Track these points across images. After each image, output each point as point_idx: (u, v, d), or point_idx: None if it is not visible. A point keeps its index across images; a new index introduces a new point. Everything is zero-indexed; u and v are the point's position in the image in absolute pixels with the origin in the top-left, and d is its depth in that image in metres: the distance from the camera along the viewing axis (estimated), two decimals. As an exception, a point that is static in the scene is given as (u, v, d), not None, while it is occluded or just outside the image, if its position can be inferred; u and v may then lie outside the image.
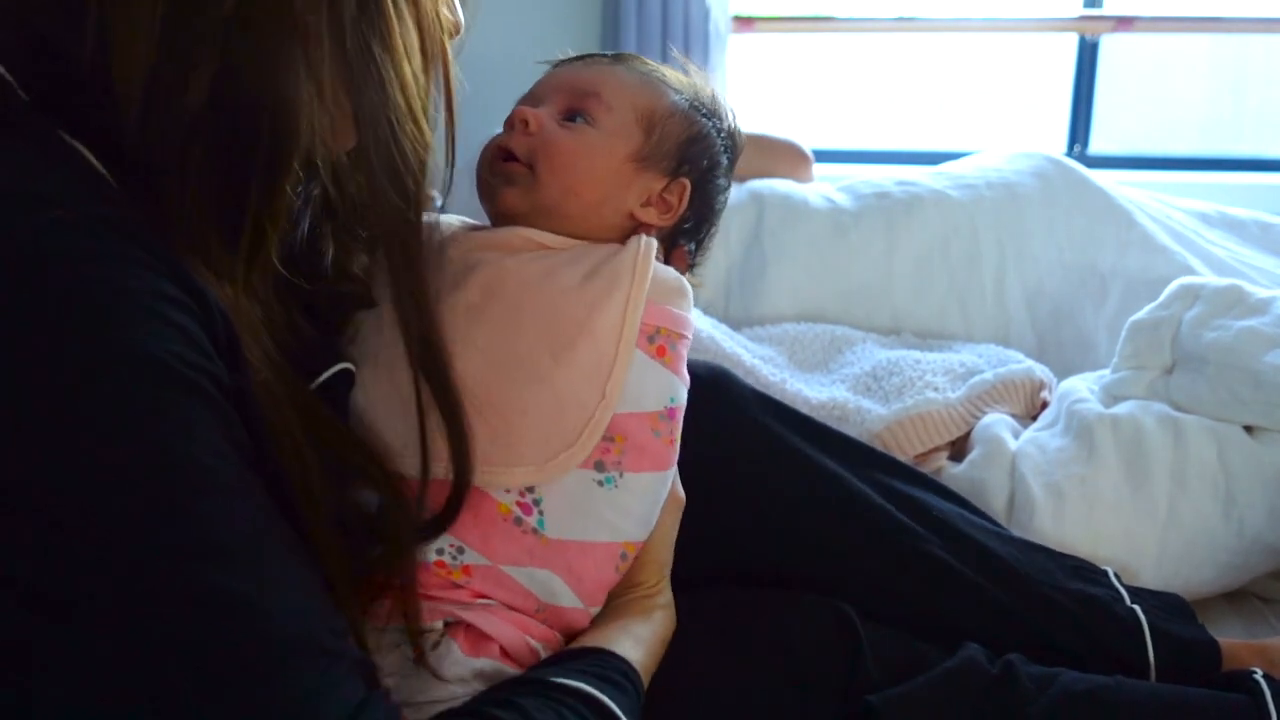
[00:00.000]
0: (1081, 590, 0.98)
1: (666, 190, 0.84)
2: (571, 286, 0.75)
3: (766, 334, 1.62)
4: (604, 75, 0.84)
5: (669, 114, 0.84)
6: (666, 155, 0.84)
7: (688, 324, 0.79)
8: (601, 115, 0.81)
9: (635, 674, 0.71)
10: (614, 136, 0.81)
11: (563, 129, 0.80)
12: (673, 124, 0.84)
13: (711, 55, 2.39)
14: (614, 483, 0.73)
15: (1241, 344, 1.23)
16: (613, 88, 0.83)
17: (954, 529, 0.99)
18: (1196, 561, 1.15)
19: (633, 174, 0.82)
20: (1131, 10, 2.48)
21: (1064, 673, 0.87)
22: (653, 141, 0.83)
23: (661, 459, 0.76)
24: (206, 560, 0.50)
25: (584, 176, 0.79)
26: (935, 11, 2.55)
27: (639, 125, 0.83)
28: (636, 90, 0.84)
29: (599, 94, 0.82)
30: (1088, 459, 1.19)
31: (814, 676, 0.83)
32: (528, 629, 0.73)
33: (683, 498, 0.82)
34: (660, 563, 0.80)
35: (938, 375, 1.44)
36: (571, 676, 0.66)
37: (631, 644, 0.74)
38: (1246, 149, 2.83)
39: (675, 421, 0.77)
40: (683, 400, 0.78)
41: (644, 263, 0.76)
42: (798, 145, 1.92)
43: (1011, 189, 1.76)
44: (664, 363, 0.76)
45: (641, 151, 0.82)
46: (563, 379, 0.72)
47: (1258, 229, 1.83)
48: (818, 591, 0.91)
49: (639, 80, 0.85)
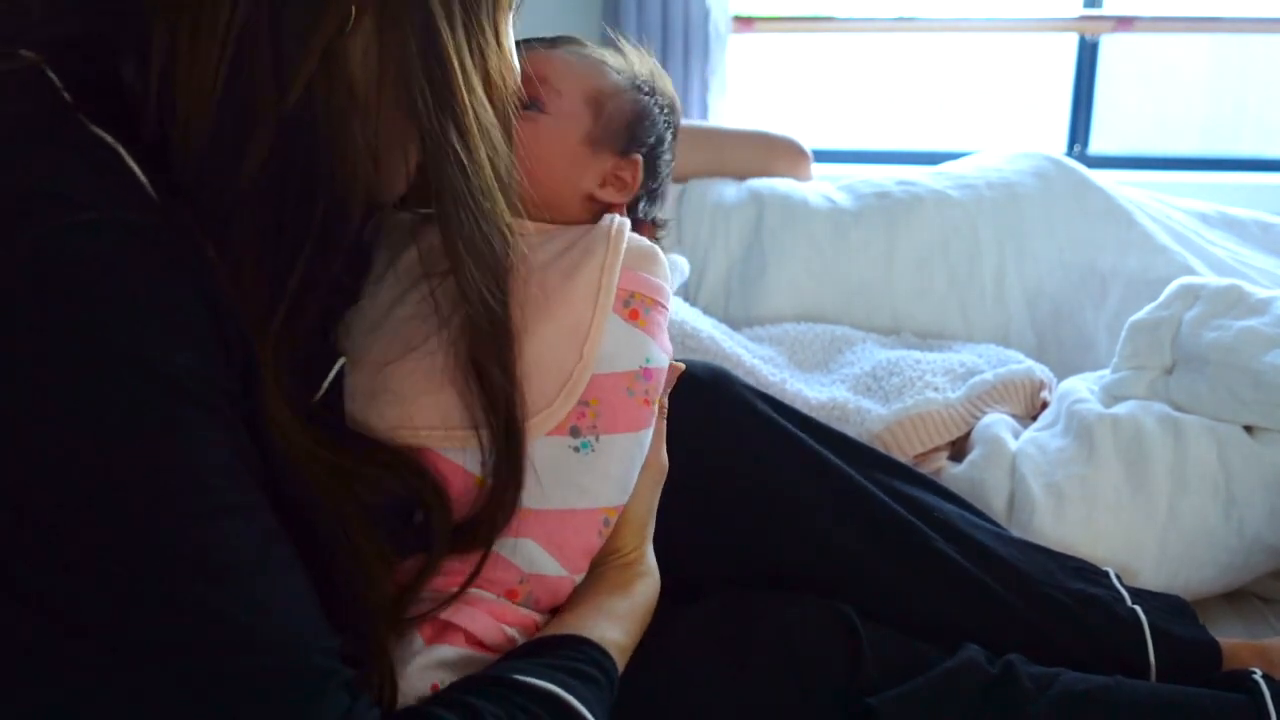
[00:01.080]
0: (1082, 590, 0.98)
1: (619, 168, 0.85)
2: (548, 260, 0.76)
3: (766, 334, 1.61)
4: (549, 60, 0.85)
5: (614, 94, 0.86)
6: (616, 135, 0.85)
7: (663, 291, 0.79)
8: (551, 100, 0.83)
9: (609, 660, 0.71)
10: (565, 120, 0.83)
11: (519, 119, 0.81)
12: (618, 103, 0.86)
13: (711, 55, 2.39)
14: (590, 447, 0.73)
15: (1241, 344, 1.23)
16: (559, 72, 0.84)
17: (955, 528, 0.99)
18: (1197, 561, 1.15)
19: (587, 156, 0.84)
20: (1131, 10, 2.48)
21: (1064, 673, 0.87)
22: (601, 123, 0.84)
23: (637, 419, 0.76)
24: (196, 577, 0.51)
25: (542, 163, 0.79)
26: (935, 11, 2.55)
27: (588, 108, 0.84)
28: (581, 73, 0.85)
29: (546, 79, 0.83)
30: (1088, 459, 1.19)
31: (814, 678, 0.83)
32: (504, 616, 0.72)
33: (664, 463, 0.82)
34: (639, 527, 0.80)
35: (938, 375, 1.44)
36: (536, 673, 0.66)
37: (608, 623, 0.74)
38: (1246, 149, 2.83)
39: (652, 382, 0.77)
40: (660, 364, 0.78)
41: (618, 233, 0.78)
42: (796, 143, 1.92)
43: (1011, 189, 1.75)
44: (638, 325, 0.76)
45: (592, 134, 0.84)
46: (540, 341, 0.72)
47: (1258, 229, 1.83)
48: (820, 588, 0.92)
49: (582, 63, 0.86)
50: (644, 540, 0.81)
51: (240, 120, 0.54)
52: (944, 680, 0.85)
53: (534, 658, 0.68)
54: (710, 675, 0.82)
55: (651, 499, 0.81)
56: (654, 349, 0.77)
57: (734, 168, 1.85)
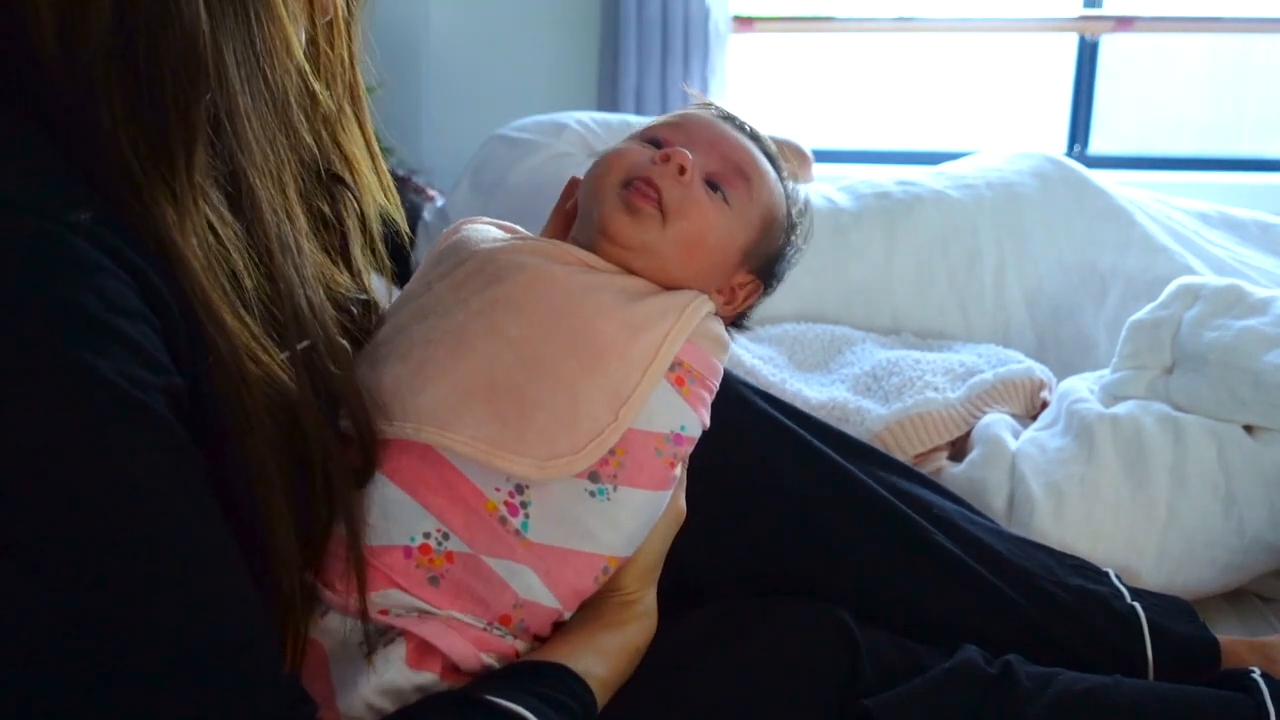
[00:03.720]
0: (1082, 586, 0.98)
1: (742, 285, 0.86)
2: (615, 306, 0.75)
3: (766, 334, 1.61)
4: (755, 160, 0.85)
5: (780, 223, 0.87)
6: (760, 258, 0.86)
7: (716, 372, 0.79)
8: (741, 201, 0.83)
9: (588, 694, 0.70)
10: (742, 226, 0.83)
11: (708, 196, 0.81)
12: (777, 232, 0.87)
13: (711, 55, 2.39)
14: (606, 495, 0.73)
15: (1241, 344, 1.23)
16: (760, 179, 0.85)
17: (954, 525, 0.99)
18: (1196, 561, 1.15)
19: (733, 265, 0.84)
20: (1131, 10, 2.49)
21: (1062, 672, 0.87)
22: (760, 243, 0.85)
23: (659, 479, 0.76)
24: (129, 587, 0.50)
25: (705, 251, 0.81)
26: (935, 11, 2.55)
27: (759, 225, 0.84)
28: (772, 191, 0.86)
29: (749, 180, 0.83)
30: (1088, 459, 1.19)
31: (812, 682, 0.83)
32: (486, 644, 0.71)
33: (682, 510, 0.82)
34: (645, 570, 0.79)
35: (938, 375, 1.44)
36: (507, 695, 0.65)
37: (595, 658, 0.73)
38: (1246, 149, 2.83)
39: (682, 448, 0.77)
40: (693, 434, 0.78)
41: (694, 310, 0.77)
42: (797, 145, 1.92)
43: (1011, 189, 1.75)
44: (681, 393, 0.76)
45: (750, 249, 0.84)
46: (584, 388, 0.72)
47: (1258, 229, 1.83)
48: (820, 584, 0.92)
49: (776, 185, 0.87)
50: (648, 583, 0.80)
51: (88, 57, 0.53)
52: (942, 680, 0.85)
53: (509, 680, 0.68)
54: (709, 679, 0.82)
55: (663, 544, 0.80)
56: (692, 418, 0.77)
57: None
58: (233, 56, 0.57)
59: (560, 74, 2.73)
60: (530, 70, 2.71)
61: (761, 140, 0.89)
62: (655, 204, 0.78)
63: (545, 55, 2.73)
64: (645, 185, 0.78)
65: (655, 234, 0.78)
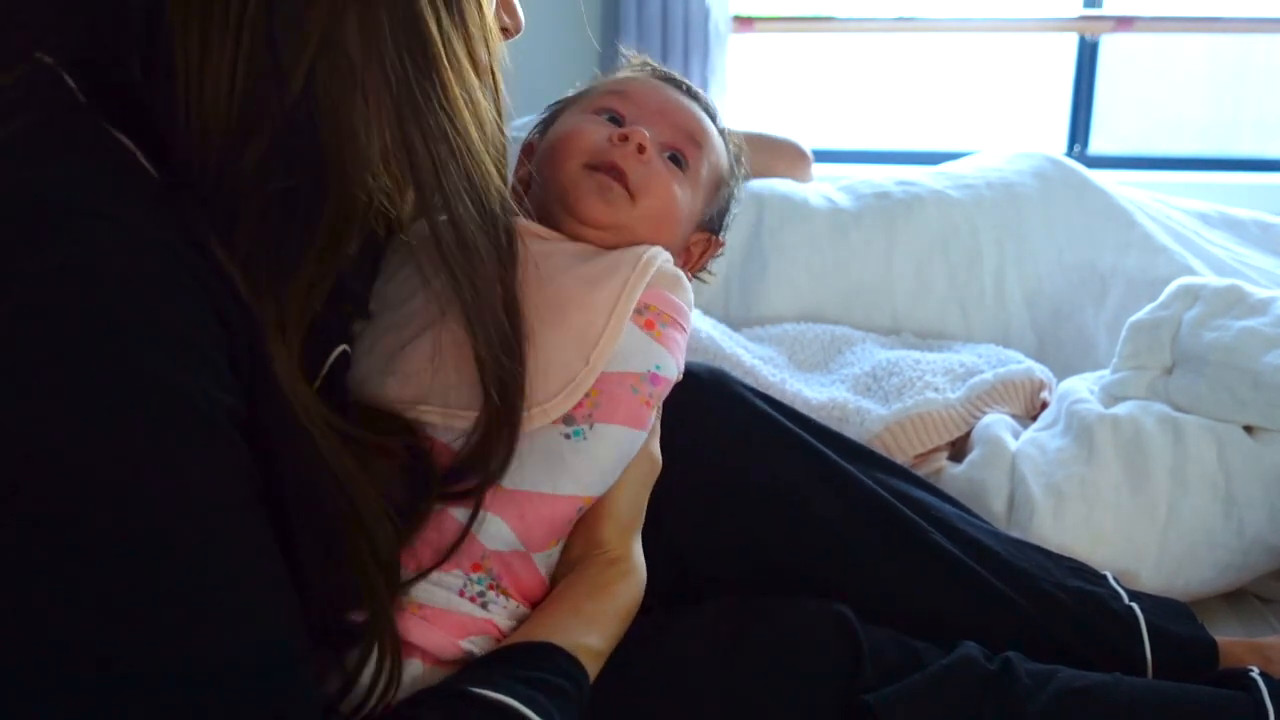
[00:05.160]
0: (1080, 587, 0.98)
1: (697, 242, 0.89)
2: (570, 266, 0.77)
3: (766, 334, 1.61)
4: (704, 126, 0.88)
5: (727, 179, 0.90)
6: (711, 216, 0.89)
7: (680, 310, 0.80)
8: (696, 167, 0.86)
9: (579, 669, 0.69)
10: (699, 191, 0.86)
11: (669, 171, 0.84)
12: (725, 190, 0.90)
13: (711, 55, 2.39)
14: (583, 434, 0.73)
15: (1241, 344, 1.23)
16: (711, 144, 0.88)
17: (953, 526, 0.99)
18: (1196, 562, 1.15)
19: (689, 227, 0.88)
20: (1131, 10, 2.49)
21: (1062, 670, 0.87)
22: (711, 203, 0.88)
23: (636, 417, 0.76)
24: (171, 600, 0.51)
25: (672, 223, 0.84)
26: (935, 11, 2.55)
27: (712, 186, 0.88)
28: (720, 152, 0.89)
29: (701, 147, 0.86)
30: (1088, 459, 1.19)
31: (813, 678, 0.83)
32: (464, 628, 0.70)
33: (657, 459, 0.81)
34: (625, 522, 0.78)
35: (937, 375, 1.44)
36: (494, 685, 0.64)
37: (583, 626, 0.72)
38: (1246, 149, 2.83)
39: (659, 388, 0.77)
40: (670, 375, 0.78)
41: (650, 259, 0.79)
42: (797, 144, 1.92)
43: (1011, 189, 1.75)
44: (652, 335, 0.77)
45: (705, 211, 0.88)
46: (550, 341, 0.72)
47: (1258, 229, 1.83)
48: (820, 583, 0.92)
49: (719, 142, 0.90)
50: (630, 536, 0.79)
51: (247, 112, 0.54)
52: (942, 676, 0.85)
53: (496, 668, 0.67)
54: (710, 676, 0.82)
55: (640, 494, 0.80)
56: (667, 359, 0.77)
57: (734, 168, 1.85)
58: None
59: (560, 74, 2.72)
60: (530, 70, 2.70)
61: (701, 98, 0.91)
62: (623, 185, 0.81)
63: (545, 55, 2.72)
64: (610, 169, 0.81)
65: (626, 214, 0.81)
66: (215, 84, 0.54)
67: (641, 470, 0.79)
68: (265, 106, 0.55)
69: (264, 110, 0.55)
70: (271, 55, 0.54)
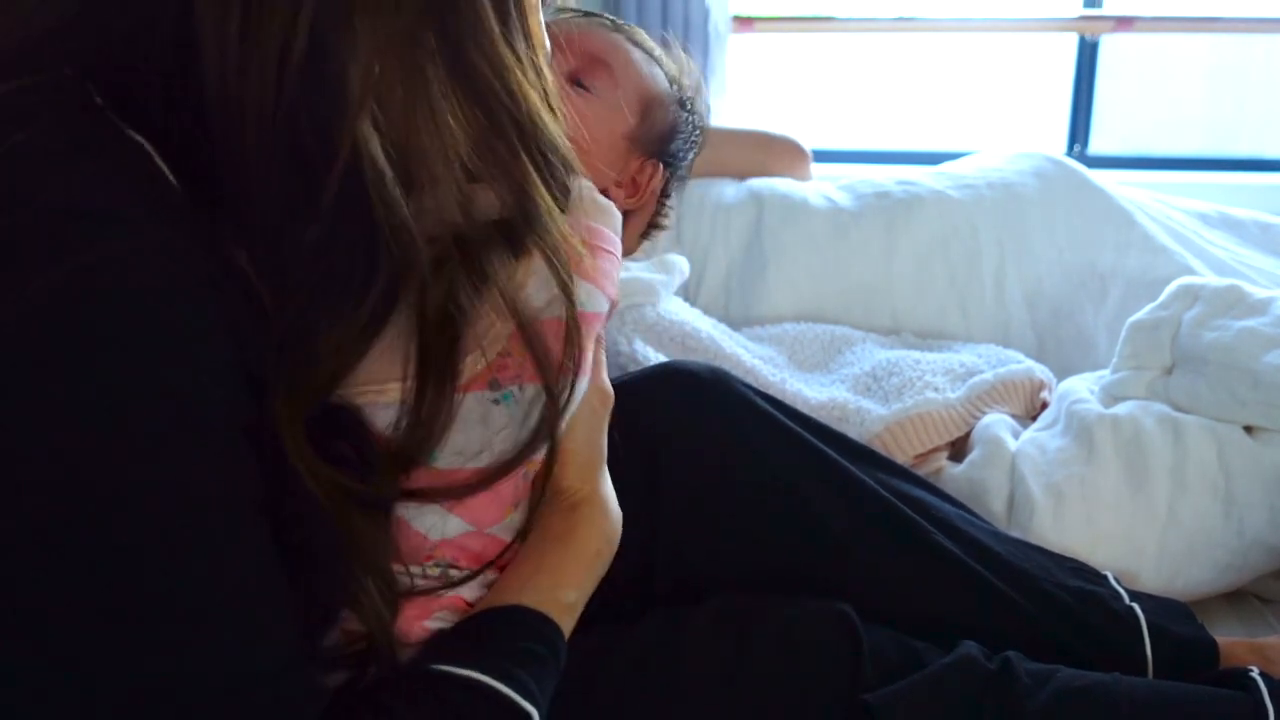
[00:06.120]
0: (1081, 587, 0.99)
1: (640, 171, 0.85)
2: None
3: (766, 334, 1.62)
4: (614, 47, 0.84)
5: (661, 101, 0.85)
6: (651, 141, 0.85)
7: (607, 237, 0.73)
8: (606, 88, 0.82)
9: (550, 626, 0.66)
10: (615, 111, 0.82)
11: (571, 91, 0.79)
12: (663, 113, 0.86)
13: (711, 55, 2.39)
14: (512, 398, 0.66)
15: (1241, 344, 1.23)
16: (621, 63, 0.83)
17: (953, 526, 0.99)
18: (1196, 562, 1.15)
19: (621, 152, 0.83)
20: (1131, 10, 2.48)
21: (1062, 669, 0.87)
22: (645, 126, 0.84)
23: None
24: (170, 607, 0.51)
25: (581, 144, 0.73)
26: (935, 11, 2.55)
27: (637, 106, 0.83)
28: (641, 72, 0.85)
29: (609, 66, 0.82)
30: (1087, 459, 1.20)
31: (814, 678, 0.83)
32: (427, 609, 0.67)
33: (608, 391, 0.75)
34: (584, 462, 0.72)
35: (937, 375, 1.44)
36: (461, 661, 0.61)
37: (550, 582, 0.68)
38: (1246, 149, 2.83)
39: (589, 327, 0.69)
40: (599, 309, 0.71)
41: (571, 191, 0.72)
42: (796, 142, 1.92)
43: (1011, 189, 1.75)
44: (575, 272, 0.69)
45: (634, 133, 0.84)
46: None
47: (1258, 229, 1.83)
48: (821, 582, 0.92)
49: (643, 62, 0.85)
50: (593, 476, 0.73)
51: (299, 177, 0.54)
52: (941, 676, 0.85)
53: (464, 641, 0.64)
54: (710, 675, 0.82)
55: (595, 431, 0.74)
56: (594, 294, 0.70)
57: (734, 168, 1.85)
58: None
59: (560, 74, 2.71)
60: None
61: (625, 29, 0.87)
62: None
63: (545, 55, 2.71)
64: None
65: None
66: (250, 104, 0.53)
67: (592, 406, 0.73)
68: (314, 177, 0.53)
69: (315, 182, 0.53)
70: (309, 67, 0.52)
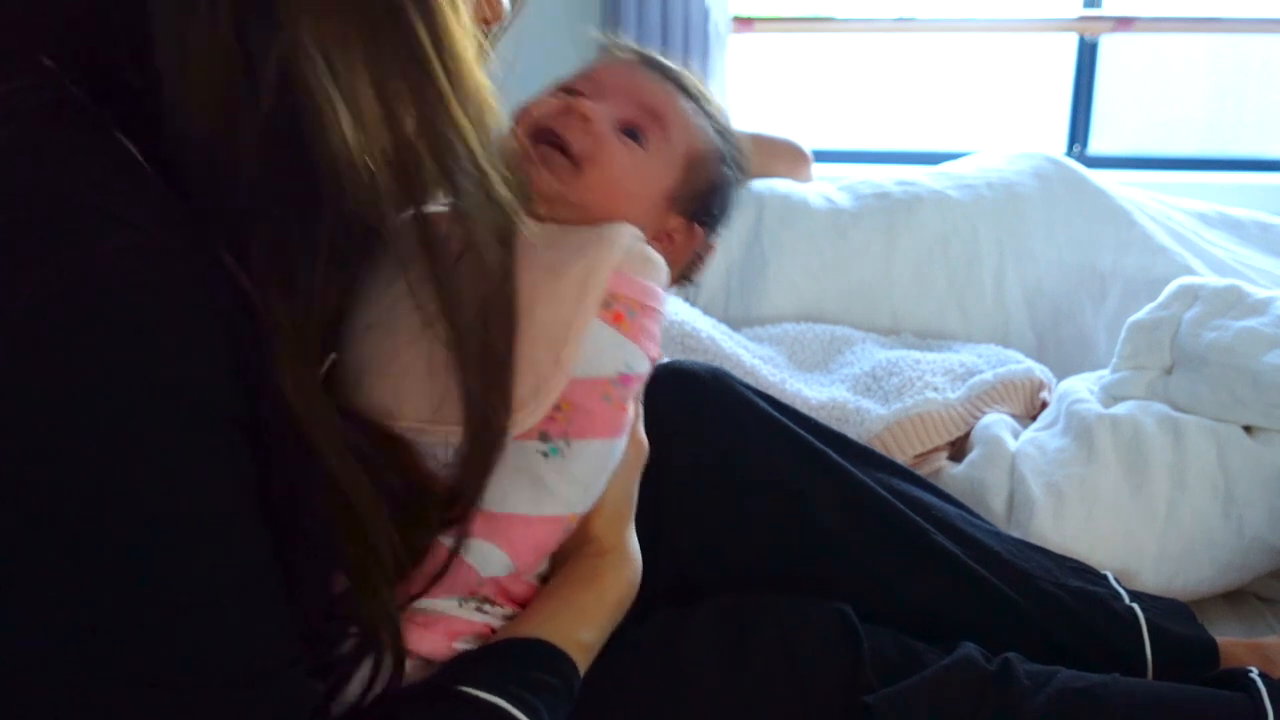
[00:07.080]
0: (1081, 587, 0.99)
1: (677, 230, 0.83)
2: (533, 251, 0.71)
3: (766, 334, 1.62)
4: (671, 101, 0.83)
5: (708, 159, 0.84)
6: (692, 199, 0.83)
7: (651, 293, 0.74)
8: (658, 142, 0.80)
9: (567, 664, 0.68)
10: (662, 167, 0.81)
11: (620, 141, 0.79)
12: (707, 170, 0.84)
13: (711, 55, 2.39)
14: (559, 452, 0.69)
15: (1241, 344, 1.23)
16: (676, 117, 0.82)
17: (954, 526, 0.99)
18: (1196, 561, 1.15)
19: (660, 209, 0.82)
20: (1131, 10, 2.48)
21: (1061, 670, 0.87)
22: (687, 184, 0.82)
23: (613, 425, 0.72)
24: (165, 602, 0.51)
25: (625, 198, 0.78)
26: (935, 11, 2.55)
27: (683, 163, 0.82)
28: (692, 127, 0.83)
29: (664, 120, 0.81)
30: (1087, 459, 1.20)
31: (814, 678, 0.83)
32: (455, 630, 0.70)
33: (644, 443, 0.78)
34: (614, 516, 0.76)
35: (937, 375, 1.44)
36: (482, 683, 0.63)
37: (574, 619, 0.71)
38: (1246, 149, 2.82)
39: (630, 388, 0.73)
40: (641, 370, 0.73)
41: (613, 233, 0.74)
42: (796, 144, 1.92)
43: (1011, 189, 1.76)
44: (619, 329, 0.72)
45: (676, 190, 0.82)
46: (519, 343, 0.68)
47: (1257, 229, 1.83)
48: (821, 583, 0.92)
49: (696, 119, 0.84)
50: (621, 527, 0.76)
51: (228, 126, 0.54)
52: (941, 677, 0.85)
53: (484, 665, 0.66)
54: (710, 676, 0.82)
55: (628, 483, 0.77)
56: (636, 354, 0.73)
57: (734, 168, 1.85)
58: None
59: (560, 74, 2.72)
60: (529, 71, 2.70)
61: (681, 80, 0.86)
62: (567, 154, 0.76)
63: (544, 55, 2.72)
64: (549, 137, 0.77)
65: (574, 187, 0.76)
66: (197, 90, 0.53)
67: (628, 459, 0.76)
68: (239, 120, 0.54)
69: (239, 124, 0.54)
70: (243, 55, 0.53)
